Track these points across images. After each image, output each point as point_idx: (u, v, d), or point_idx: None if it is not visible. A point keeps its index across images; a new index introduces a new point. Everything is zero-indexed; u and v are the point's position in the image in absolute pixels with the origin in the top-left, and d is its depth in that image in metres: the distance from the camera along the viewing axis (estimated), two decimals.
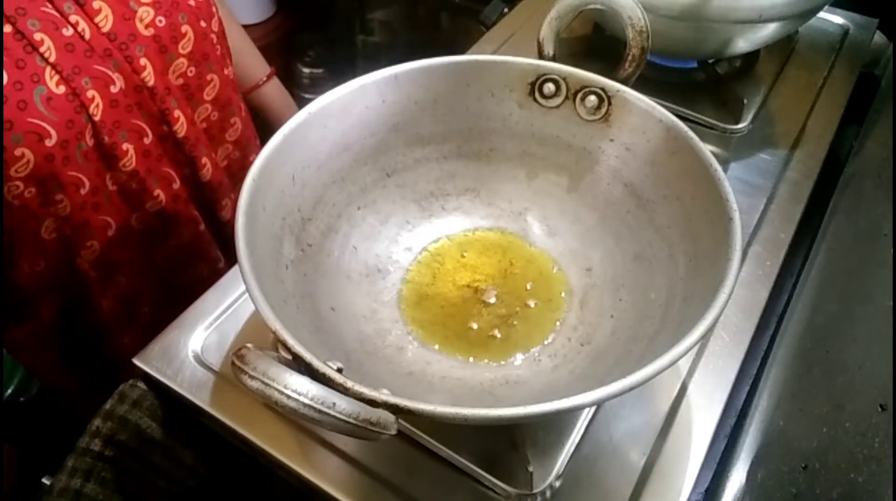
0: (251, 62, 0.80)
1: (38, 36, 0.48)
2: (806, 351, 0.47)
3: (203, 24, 0.60)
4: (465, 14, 1.19)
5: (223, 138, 0.67)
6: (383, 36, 1.40)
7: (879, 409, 0.34)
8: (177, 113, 0.58)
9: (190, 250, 0.67)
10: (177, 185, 0.61)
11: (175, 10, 0.57)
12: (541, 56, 0.50)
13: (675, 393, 0.47)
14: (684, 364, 0.48)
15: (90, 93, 0.51)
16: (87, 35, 0.51)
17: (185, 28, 0.58)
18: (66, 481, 0.45)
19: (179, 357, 0.48)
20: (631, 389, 0.32)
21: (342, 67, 1.39)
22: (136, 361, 0.48)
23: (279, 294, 0.40)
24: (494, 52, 0.75)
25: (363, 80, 0.48)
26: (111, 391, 0.48)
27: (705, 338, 0.49)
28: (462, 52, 0.60)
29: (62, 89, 0.49)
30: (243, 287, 0.44)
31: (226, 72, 0.64)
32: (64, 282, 0.59)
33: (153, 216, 0.61)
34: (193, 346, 0.49)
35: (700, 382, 0.47)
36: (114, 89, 0.53)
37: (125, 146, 0.55)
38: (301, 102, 0.46)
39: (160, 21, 0.55)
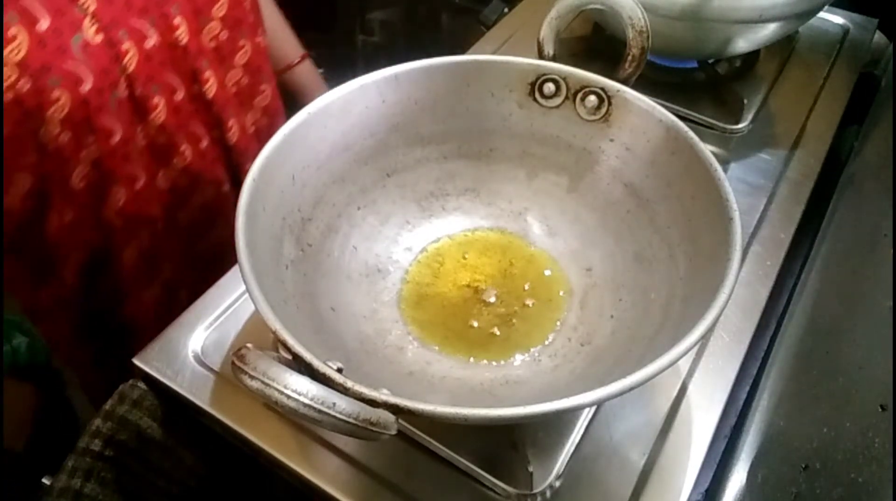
0: (285, 43, 0.82)
1: None
2: (806, 351, 0.47)
3: None
4: (465, 14, 1.19)
5: (252, 104, 0.69)
6: (383, 36, 1.40)
7: (879, 409, 0.34)
8: (207, 73, 0.60)
9: (213, 211, 0.68)
10: (204, 144, 0.63)
11: None
12: (541, 56, 0.50)
13: (675, 393, 0.47)
14: (684, 364, 0.48)
15: (126, 45, 0.53)
16: None
17: None
18: (66, 481, 0.45)
19: (179, 357, 0.48)
20: (631, 389, 0.32)
21: (342, 67, 1.39)
22: (136, 361, 0.48)
23: (279, 294, 0.40)
24: (494, 52, 0.75)
25: (363, 80, 0.48)
26: (123, 364, 0.48)
27: (705, 338, 0.49)
28: (462, 52, 0.60)
29: (100, 38, 0.51)
30: (243, 287, 0.44)
31: (258, 39, 0.66)
32: (90, 236, 0.60)
33: (179, 173, 0.62)
34: (193, 346, 0.49)
35: (700, 382, 0.47)
36: (148, 44, 0.55)
37: (156, 100, 0.57)
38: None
39: None
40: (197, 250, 0.68)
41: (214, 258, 0.52)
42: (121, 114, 0.55)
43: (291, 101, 0.81)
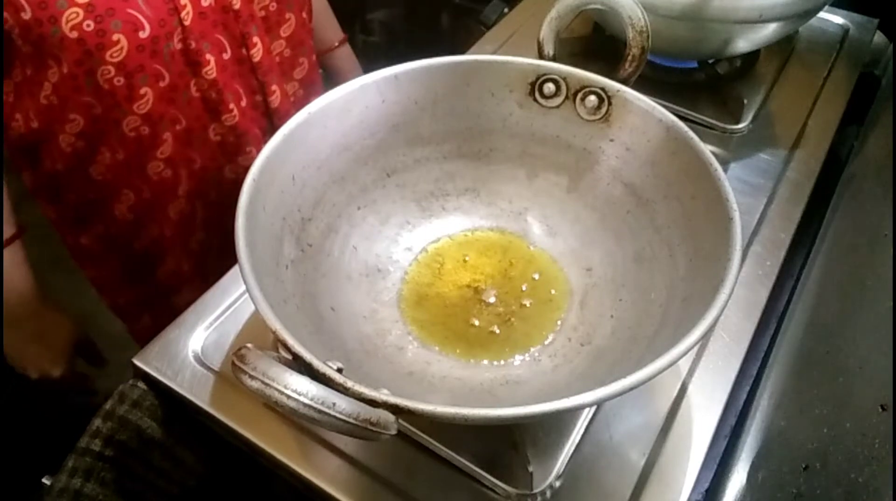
0: (328, 26, 0.85)
1: None
2: (806, 351, 0.47)
3: None
4: (465, 14, 1.19)
5: (292, 75, 0.72)
6: (383, 36, 1.40)
7: (879, 409, 0.34)
8: (255, 38, 0.63)
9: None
10: (244, 103, 0.66)
11: None
12: (541, 56, 0.50)
13: (675, 393, 0.47)
14: (684, 364, 0.48)
15: (184, 1, 0.56)
16: None
17: None
18: (66, 481, 0.45)
19: (179, 357, 0.48)
20: (631, 389, 0.32)
21: None
22: (136, 361, 0.48)
23: (279, 294, 0.40)
24: (494, 53, 0.75)
25: (363, 80, 0.48)
26: (167, 312, 0.50)
27: (705, 338, 0.49)
28: (462, 52, 0.60)
29: None
30: (243, 287, 0.44)
31: (304, 15, 0.69)
32: (137, 181, 0.64)
33: (228, 130, 0.65)
34: (193, 346, 0.49)
35: (700, 382, 0.47)
36: (205, 3, 0.58)
37: (208, 56, 0.60)
38: None
39: None
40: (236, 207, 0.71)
41: None
42: (173, 64, 0.58)
43: (329, 82, 0.85)
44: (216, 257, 0.74)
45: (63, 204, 0.66)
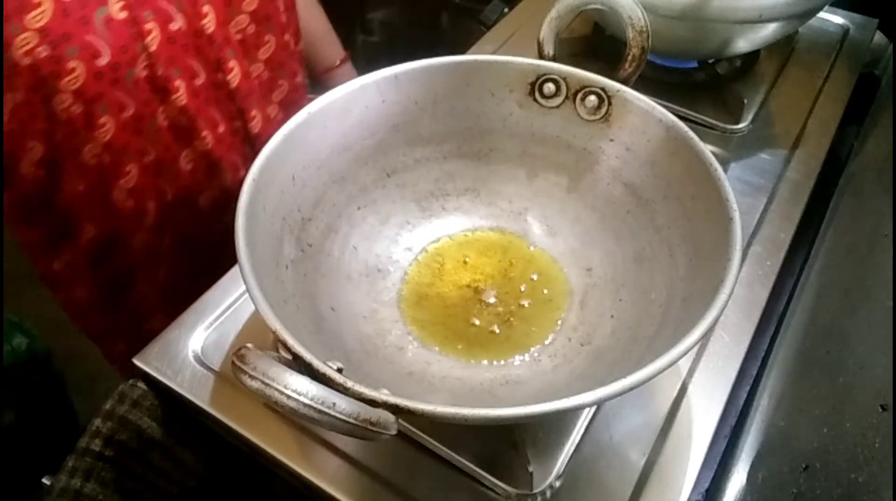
0: (328, 45, 0.83)
1: None
2: (806, 351, 0.47)
3: None
4: (465, 14, 1.19)
5: (271, 98, 0.70)
6: (383, 36, 1.40)
7: (879, 409, 0.34)
8: (232, 63, 0.61)
9: (231, 197, 0.68)
10: (222, 130, 0.64)
11: None
12: (541, 56, 0.50)
13: (675, 393, 0.47)
14: (684, 364, 0.48)
15: (149, 25, 0.54)
16: None
17: None
18: (66, 481, 0.45)
19: (179, 357, 0.48)
20: (631, 389, 0.32)
21: None
22: (136, 361, 0.48)
23: (279, 294, 0.40)
24: (494, 53, 0.75)
25: (363, 80, 0.48)
26: (138, 338, 0.49)
27: (705, 338, 0.49)
28: (462, 52, 0.60)
29: (123, 15, 0.52)
30: (243, 287, 0.44)
31: (285, 37, 0.67)
32: (102, 210, 0.61)
33: (201, 156, 0.63)
34: (193, 346, 0.49)
35: (700, 382, 0.47)
36: (173, 27, 0.55)
37: (177, 83, 0.58)
38: None
39: None
40: (213, 233, 0.69)
41: (226, 245, 0.53)
42: (137, 91, 0.56)
43: None
44: (191, 283, 0.69)
45: (32, 230, 0.63)
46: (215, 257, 0.57)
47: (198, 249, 0.69)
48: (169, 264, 0.69)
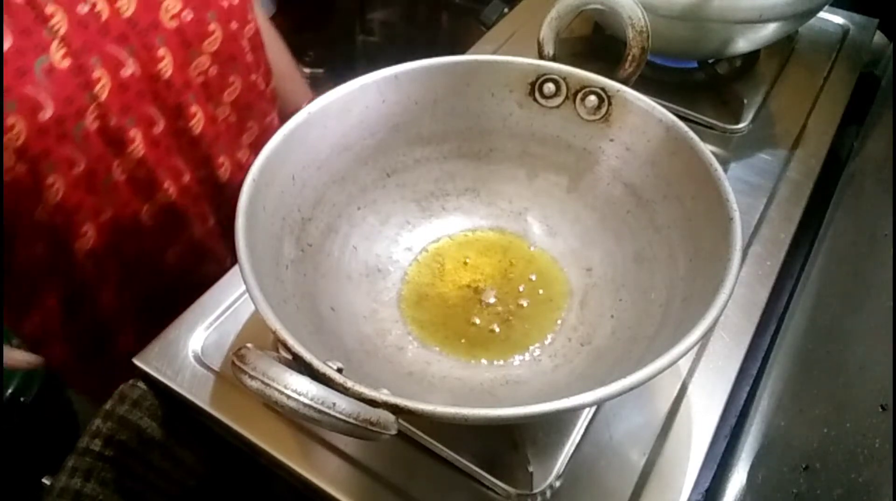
0: (295, 86, 0.79)
1: (50, 9, 0.47)
2: (806, 351, 0.47)
3: (234, 25, 0.58)
4: (465, 14, 1.19)
5: (240, 142, 0.66)
6: (383, 36, 1.40)
7: (880, 409, 0.34)
8: (194, 108, 0.57)
9: (203, 248, 0.66)
10: (187, 179, 0.60)
11: (204, 6, 0.56)
12: (541, 56, 0.50)
13: (675, 393, 0.47)
14: (684, 364, 0.48)
15: (97, 72, 0.49)
16: (104, 16, 0.50)
17: (212, 26, 0.56)
18: (66, 481, 0.45)
19: (179, 357, 0.48)
20: (631, 389, 0.32)
21: (342, 67, 1.39)
22: (136, 361, 0.48)
23: (279, 294, 0.40)
24: (494, 53, 0.75)
25: (363, 80, 0.48)
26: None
27: (705, 338, 0.49)
28: (462, 52, 0.60)
29: (66, 63, 0.48)
30: (243, 287, 0.44)
31: (252, 77, 0.63)
32: (64, 271, 0.58)
33: (164, 209, 0.59)
34: (193, 346, 0.49)
35: (700, 382, 0.47)
36: (125, 73, 0.51)
37: (133, 133, 0.54)
38: None
39: (186, 15, 0.54)
40: (187, 285, 0.65)
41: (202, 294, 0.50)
42: (88, 146, 0.51)
43: None
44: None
45: None
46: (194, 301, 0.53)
47: (169, 306, 0.63)
48: (141, 321, 0.64)
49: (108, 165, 0.54)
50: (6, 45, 0.45)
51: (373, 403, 0.31)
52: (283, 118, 0.45)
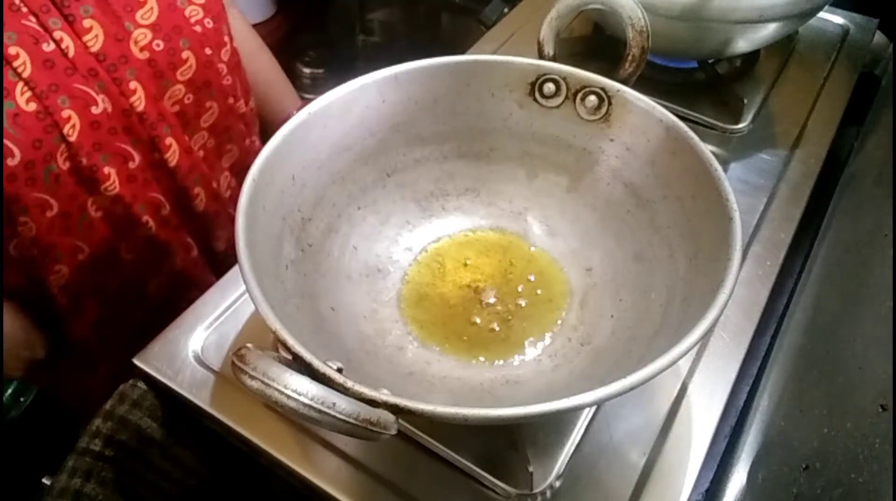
0: (282, 95, 0.77)
1: (13, 50, 0.46)
2: (806, 351, 0.47)
3: (209, 51, 0.57)
4: (465, 14, 1.19)
5: (220, 165, 0.65)
6: (383, 36, 1.40)
7: (879, 409, 0.34)
8: (168, 140, 0.56)
9: (186, 278, 0.64)
10: (166, 211, 0.59)
11: (176, 34, 0.54)
12: (541, 56, 0.50)
13: (675, 393, 0.47)
14: (684, 364, 0.48)
15: (66, 112, 0.48)
16: (71, 53, 0.49)
17: (185, 54, 0.55)
18: (66, 481, 0.45)
19: (179, 357, 0.48)
20: (631, 389, 0.32)
21: (342, 67, 1.39)
22: (136, 361, 0.48)
23: (279, 294, 0.40)
24: (494, 53, 0.75)
25: (363, 80, 0.48)
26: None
27: (705, 338, 0.49)
28: (462, 52, 0.60)
29: (32, 107, 0.47)
30: (243, 287, 0.44)
31: (229, 101, 0.62)
32: (36, 304, 0.56)
33: (143, 243, 0.58)
34: (193, 346, 0.49)
35: (700, 382, 0.47)
36: (95, 110, 0.50)
37: (107, 170, 0.52)
38: (301, 103, 0.46)
39: (157, 45, 0.53)
40: (172, 313, 0.64)
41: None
42: (59, 187, 0.50)
43: None
44: None
45: None
46: None
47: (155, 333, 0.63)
48: (126, 347, 0.63)
49: (82, 205, 0.53)
50: None
51: (373, 403, 0.31)
52: (273, 126, 0.44)
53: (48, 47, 0.48)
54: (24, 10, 0.48)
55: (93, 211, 0.54)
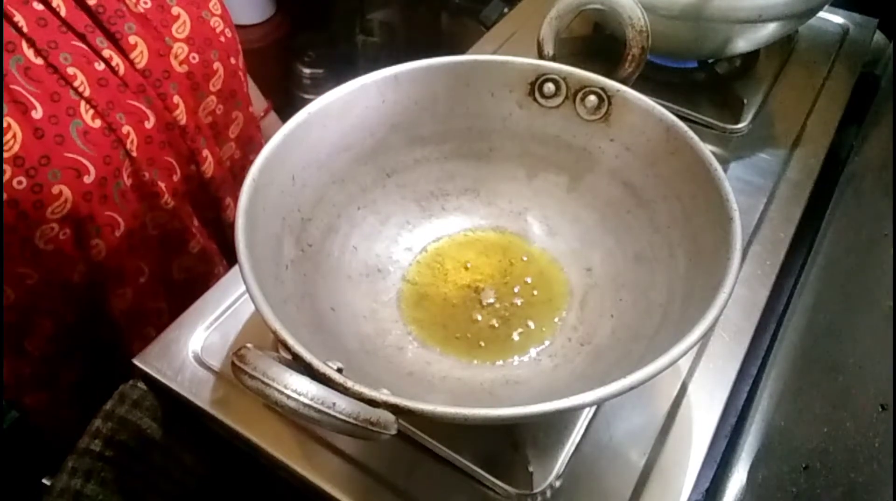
0: (253, 97, 0.77)
1: (70, 70, 0.47)
2: (806, 351, 0.47)
3: (233, 60, 0.58)
4: (465, 14, 1.19)
5: (244, 176, 0.65)
6: (383, 36, 1.40)
7: (879, 409, 0.34)
8: (205, 153, 0.57)
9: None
10: (196, 224, 0.59)
11: (208, 46, 0.55)
12: (541, 56, 0.50)
13: (675, 393, 0.46)
14: (684, 364, 0.48)
15: (125, 128, 0.49)
16: (121, 71, 0.50)
17: (216, 65, 0.56)
18: (66, 481, 0.45)
19: (179, 357, 0.48)
20: (631, 389, 0.32)
21: (342, 67, 1.39)
22: (136, 361, 0.48)
23: (279, 294, 0.40)
24: (494, 53, 0.75)
25: (363, 80, 0.48)
26: None
27: (705, 338, 0.49)
28: (462, 52, 0.60)
29: (98, 123, 0.48)
30: (243, 287, 0.44)
31: (250, 109, 0.63)
32: (90, 337, 0.56)
33: (196, 261, 0.58)
34: (193, 346, 0.49)
35: (700, 382, 0.47)
36: (147, 125, 0.51)
37: (161, 184, 0.53)
38: (301, 103, 0.46)
39: (194, 58, 0.54)
40: None
41: None
42: (125, 204, 0.51)
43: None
44: None
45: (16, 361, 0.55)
46: None
47: None
48: None
49: (142, 223, 0.53)
50: (38, 113, 0.44)
51: (373, 403, 0.31)
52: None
53: (99, 66, 0.49)
54: (70, 32, 0.48)
55: (151, 228, 0.54)
